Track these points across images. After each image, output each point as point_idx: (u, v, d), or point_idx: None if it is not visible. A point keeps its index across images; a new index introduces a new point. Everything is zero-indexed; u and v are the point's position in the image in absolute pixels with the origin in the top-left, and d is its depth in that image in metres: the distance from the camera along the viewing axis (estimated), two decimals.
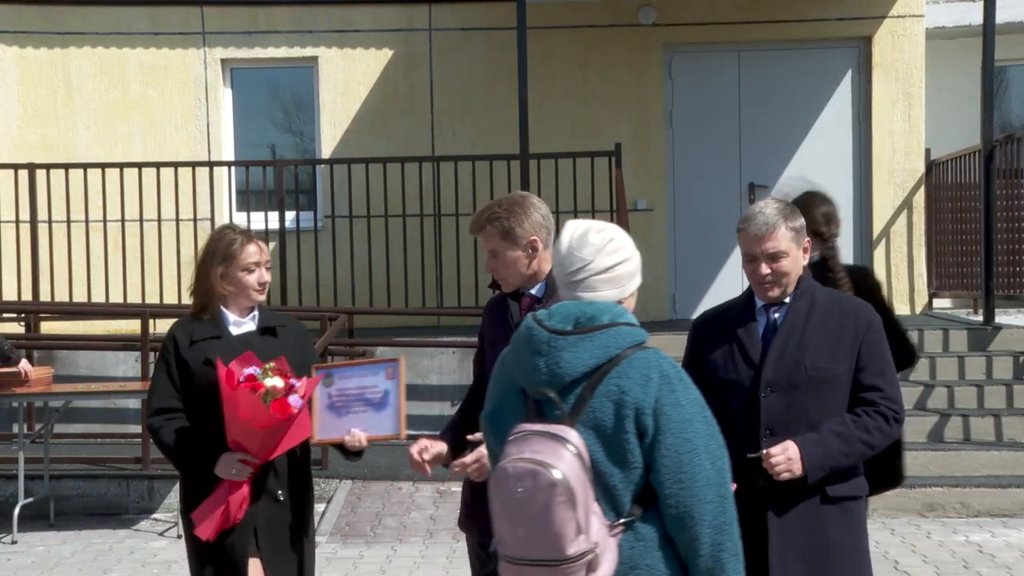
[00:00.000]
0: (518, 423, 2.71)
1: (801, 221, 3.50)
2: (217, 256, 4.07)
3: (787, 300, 3.49)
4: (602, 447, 2.66)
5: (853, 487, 3.45)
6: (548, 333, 2.73)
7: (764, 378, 3.40)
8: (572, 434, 2.63)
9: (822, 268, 4.89)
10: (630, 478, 2.68)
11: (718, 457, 2.70)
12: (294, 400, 3.85)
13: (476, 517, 3.69)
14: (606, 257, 2.83)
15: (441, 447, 3.79)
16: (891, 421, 3.41)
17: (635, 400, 2.66)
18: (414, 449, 3.78)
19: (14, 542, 7.38)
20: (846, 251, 10.78)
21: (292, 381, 3.89)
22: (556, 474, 2.55)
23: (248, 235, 4.18)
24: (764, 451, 3.34)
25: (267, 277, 4.18)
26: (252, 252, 4.14)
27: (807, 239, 3.52)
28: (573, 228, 2.90)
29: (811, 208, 4.95)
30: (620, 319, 2.76)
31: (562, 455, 2.59)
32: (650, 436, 2.66)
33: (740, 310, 3.55)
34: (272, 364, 3.86)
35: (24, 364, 7.34)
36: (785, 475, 3.31)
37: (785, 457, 3.31)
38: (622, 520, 2.67)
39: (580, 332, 2.71)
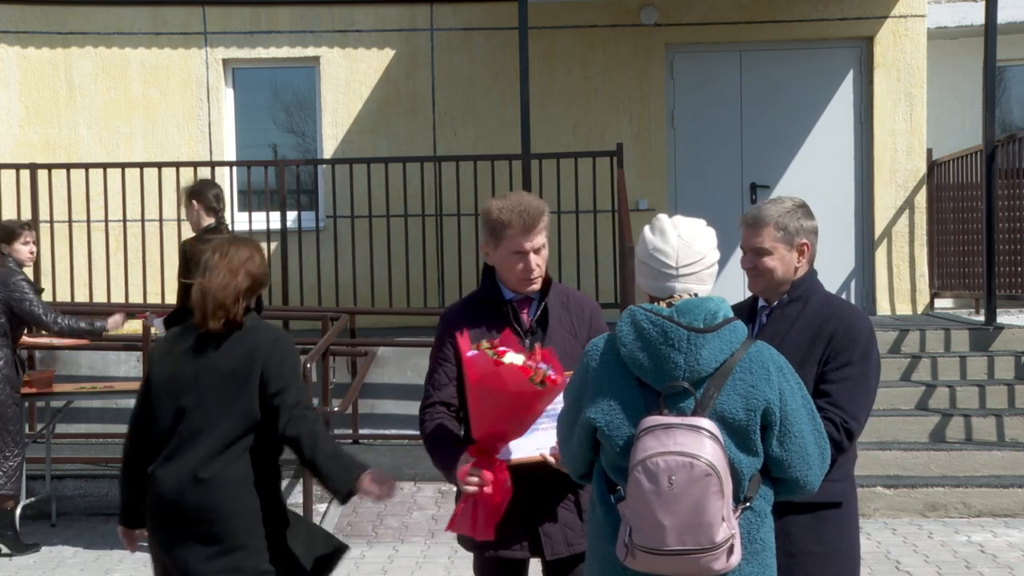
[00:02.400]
0: (640, 418, 2.81)
1: (800, 224, 3.48)
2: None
3: (776, 304, 3.51)
4: (729, 437, 2.81)
5: (822, 494, 3.31)
6: (686, 331, 2.84)
7: None
8: (712, 425, 2.76)
9: (215, 233, 6.51)
10: (753, 465, 2.86)
11: (822, 433, 2.96)
12: (549, 370, 3.41)
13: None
14: (714, 253, 3.01)
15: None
16: (839, 428, 3.33)
17: (763, 394, 2.83)
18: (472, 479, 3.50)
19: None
20: (847, 250, 10.84)
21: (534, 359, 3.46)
22: (708, 465, 2.69)
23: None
24: None
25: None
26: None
27: (804, 241, 3.48)
28: (673, 221, 3.02)
29: (205, 191, 6.95)
30: (730, 315, 2.92)
31: (707, 446, 2.72)
32: (777, 427, 2.85)
33: (743, 312, 3.56)
34: (486, 343, 3.51)
35: (114, 320, 7.37)
36: None
37: None
38: (748, 504, 2.86)
39: (711, 329, 2.85)
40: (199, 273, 4.16)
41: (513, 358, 3.39)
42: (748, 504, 2.86)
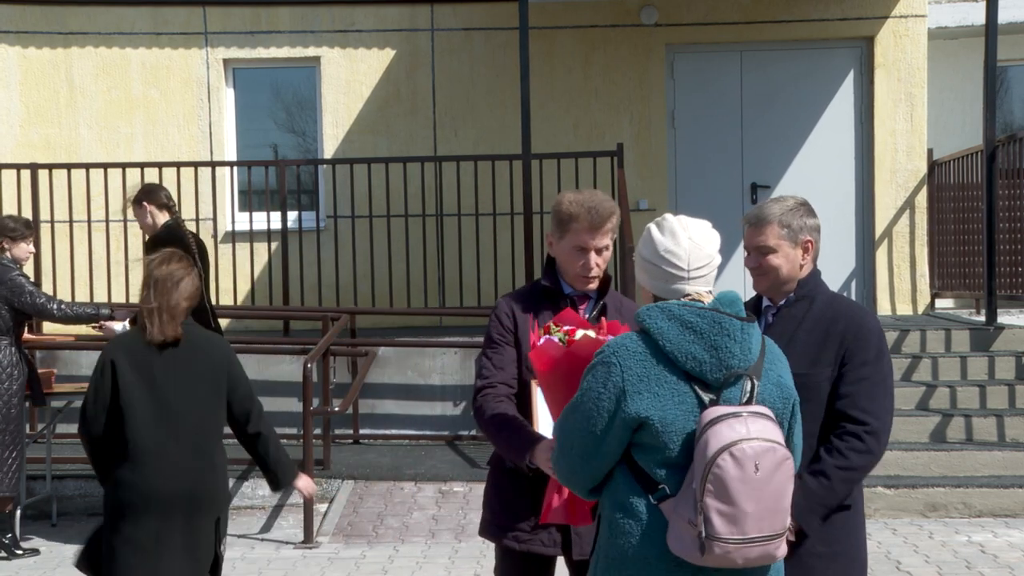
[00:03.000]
0: (694, 411, 2.84)
1: (803, 222, 3.47)
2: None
3: (782, 304, 3.49)
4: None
5: None
6: (739, 321, 2.90)
7: None
8: (771, 412, 2.85)
9: (176, 228, 7.02)
10: None
11: None
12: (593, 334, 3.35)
13: (506, 522, 3.67)
14: (718, 254, 3.06)
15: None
16: (863, 436, 3.34)
17: (788, 384, 2.98)
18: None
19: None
20: (848, 250, 10.85)
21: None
22: (785, 448, 2.79)
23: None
24: None
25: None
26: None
27: (808, 238, 3.48)
28: (683, 223, 3.05)
29: (155, 191, 7.25)
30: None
31: (777, 431, 2.81)
32: (796, 415, 3.01)
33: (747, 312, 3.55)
34: (555, 327, 3.42)
35: (121, 313, 7.33)
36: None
37: None
38: None
39: (751, 320, 2.93)
40: (145, 287, 4.68)
41: (585, 333, 3.33)
42: None
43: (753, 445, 2.73)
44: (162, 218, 7.17)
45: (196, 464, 4.62)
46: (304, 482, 5.08)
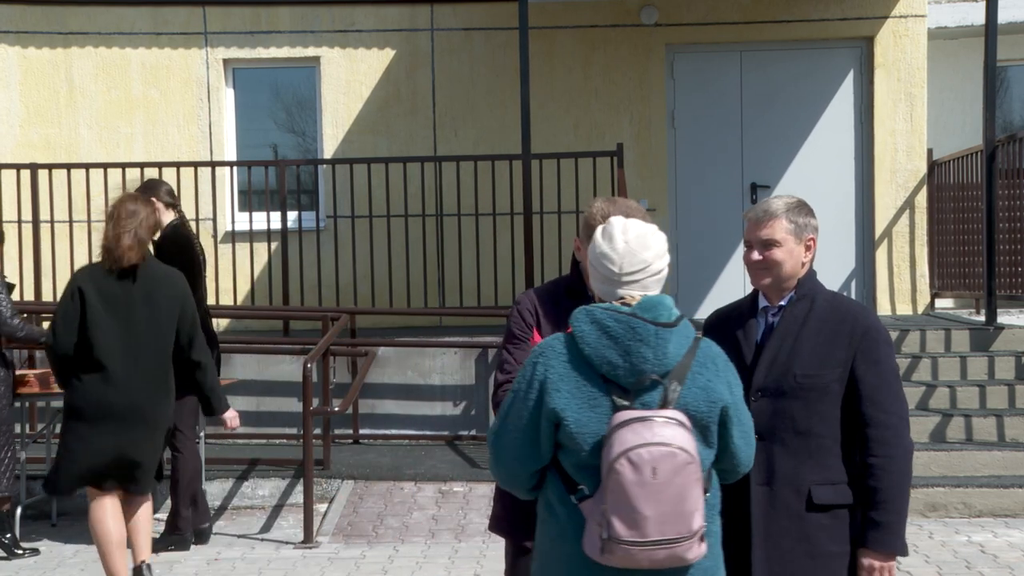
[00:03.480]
0: (608, 414, 2.87)
1: (807, 220, 3.47)
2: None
3: (783, 303, 3.48)
4: (694, 430, 2.90)
5: (840, 494, 3.37)
6: (653, 325, 2.91)
7: (754, 383, 3.38)
8: (684, 417, 2.85)
9: (182, 227, 7.02)
10: (710, 458, 2.98)
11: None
12: None
13: (518, 518, 3.67)
14: (661, 261, 3.05)
15: None
16: (889, 441, 3.34)
17: (717, 389, 2.95)
18: None
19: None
20: (848, 250, 10.85)
21: None
22: (689, 454, 2.80)
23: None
24: None
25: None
26: None
27: (810, 236, 3.47)
28: (623, 227, 3.05)
29: (156, 187, 7.12)
30: (679, 313, 3.02)
31: (684, 436, 2.82)
32: (732, 420, 2.99)
33: (743, 312, 3.54)
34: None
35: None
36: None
37: (874, 570, 3.35)
38: (706, 494, 2.93)
39: (672, 324, 2.94)
40: (108, 222, 5.49)
41: None
42: (706, 496, 2.93)
43: (651, 450, 2.76)
44: (167, 216, 7.00)
45: (149, 383, 5.49)
46: (231, 414, 6.09)
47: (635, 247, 3.00)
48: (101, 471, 5.56)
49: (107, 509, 5.64)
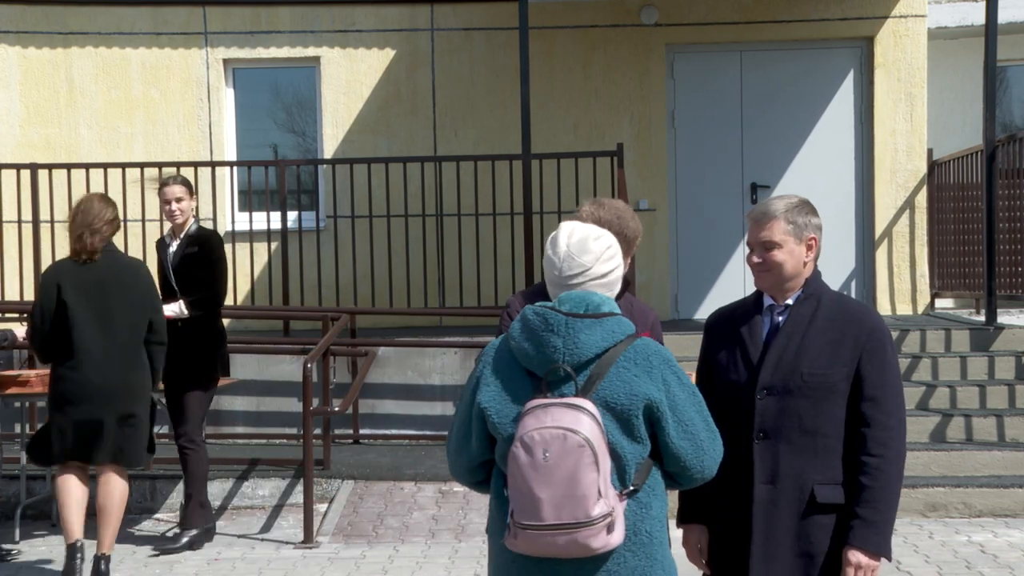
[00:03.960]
0: (527, 401, 2.92)
1: (808, 220, 3.45)
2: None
3: (789, 302, 3.47)
4: (612, 421, 2.91)
5: (840, 494, 3.37)
6: (565, 316, 2.96)
7: (761, 381, 3.38)
8: (589, 404, 2.86)
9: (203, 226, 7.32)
10: (638, 451, 2.95)
11: (710, 422, 3.05)
12: None
13: None
14: (603, 264, 3.08)
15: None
16: (887, 443, 3.35)
17: (645, 385, 2.93)
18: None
19: (16, 541, 7.39)
20: (847, 250, 10.85)
21: None
22: (582, 437, 2.78)
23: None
24: None
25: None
26: None
27: (812, 236, 3.46)
28: (569, 231, 3.11)
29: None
30: (616, 311, 3.02)
31: (583, 421, 2.83)
32: (666, 417, 2.94)
33: (747, 310, 3.54)
34: None
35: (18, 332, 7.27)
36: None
37: (860, 569, 3.33)
38: (630, 488, 2.93)
39: (590, 316, 2.96)
40: (72, 219, 6.22)
41: None
42: (633, 492, 2.93)
43: (543, 432, 2.81)
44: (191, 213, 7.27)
45: (125, 363, 6.12)
46: (160, 387, 6.75)
47: (575, 251, 3.06)
48: (88, 446, 6.15)
49: (73, 472, 6.24)
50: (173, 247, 7.20)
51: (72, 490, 6.22)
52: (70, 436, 6.15)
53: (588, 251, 3.06)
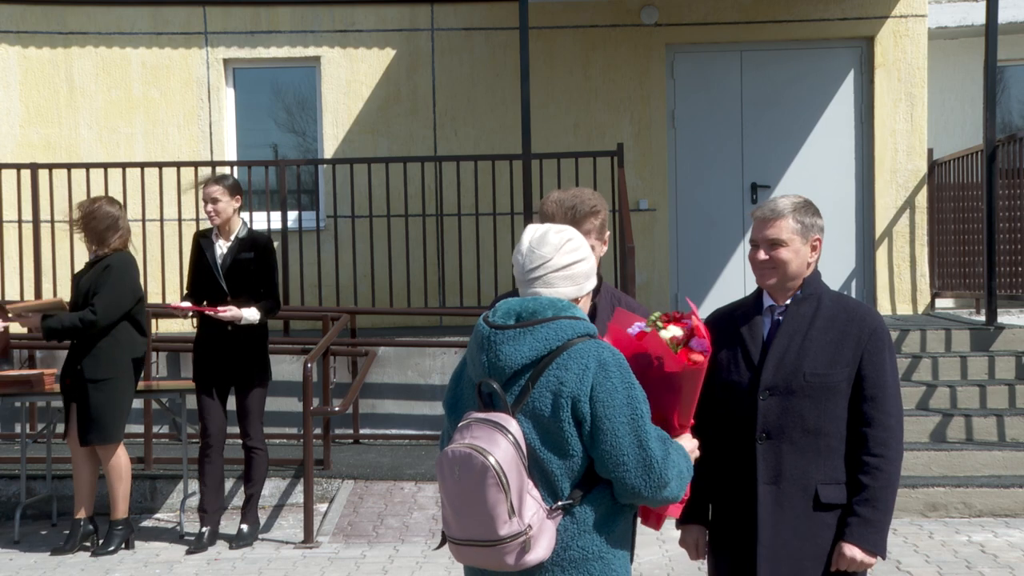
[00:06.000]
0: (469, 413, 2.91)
1: (813, 220, 3.45)
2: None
3: (788, 302, 3.47)
4: (540, 435, 2.83)
5: (843, 493, 3.38)
6: (489, 328, 2.90)
7: (763, 381, 3.37)
8: (511, 422, 2.80)
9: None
10: (568, 465, 2.85)
11: (650, 437, 2.85)
12: (697, 344, 3.13)
13: None
14: (564, 256, 3.01)
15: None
16: (888, 442, 3.37)
17: (571, 390, 2.81)
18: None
19: (16, 541, 7.39)
20: (848, 250, 10.85)
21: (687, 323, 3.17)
22: (489, 459, 2.72)
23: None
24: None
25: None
26: None
27: (816, 236, 3.46)
28: (533, 230, 3.09)
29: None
30: (564, 313, 2.91)
31: (498, 441, 2.76)
32: (588, 424, 2.82)
33: (747, 310, 3.53)
34: (657, 314, 3.25)
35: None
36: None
37: (855, 564, 3.35)
38: (559, 504, 2.84)
39: (520, 326, 2.87)
40: (78, 224, 7.27)
41: (673, 331, 3.14)
42: (565, 508, 2.85)
43: (455, 450, 2.79)
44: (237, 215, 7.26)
45: (87, 347, 6.91)
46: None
47: (534, 245, 3.03)
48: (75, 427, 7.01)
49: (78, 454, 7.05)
50: (222, 248, 7.17)
51: (78, 467, 7.14)
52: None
53: (547, 243, 3.01)
